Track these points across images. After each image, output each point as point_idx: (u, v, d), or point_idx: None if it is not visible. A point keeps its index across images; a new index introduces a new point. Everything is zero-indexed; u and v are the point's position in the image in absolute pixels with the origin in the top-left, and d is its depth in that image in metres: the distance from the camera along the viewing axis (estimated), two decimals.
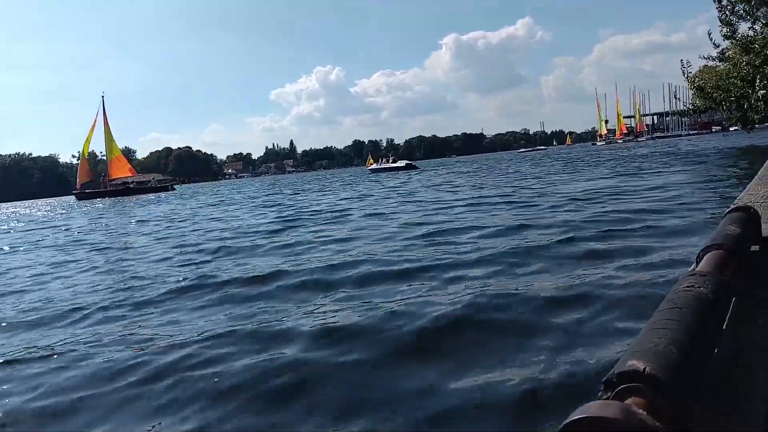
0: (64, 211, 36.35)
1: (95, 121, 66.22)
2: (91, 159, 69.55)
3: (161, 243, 10.51)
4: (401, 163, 53.51)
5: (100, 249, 10.50)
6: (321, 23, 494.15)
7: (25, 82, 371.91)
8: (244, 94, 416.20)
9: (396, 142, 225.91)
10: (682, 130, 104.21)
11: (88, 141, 66.96)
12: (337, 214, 12.66)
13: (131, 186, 66.37)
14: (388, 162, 57.69)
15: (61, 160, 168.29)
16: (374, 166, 59.38)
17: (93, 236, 14.00)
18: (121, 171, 66.88)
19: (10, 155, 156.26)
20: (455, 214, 10.03)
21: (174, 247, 9.41)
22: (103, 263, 8.46)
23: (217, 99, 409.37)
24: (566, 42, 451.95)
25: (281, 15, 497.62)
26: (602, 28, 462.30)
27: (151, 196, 52.61)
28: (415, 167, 52.51)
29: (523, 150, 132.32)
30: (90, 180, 65.92)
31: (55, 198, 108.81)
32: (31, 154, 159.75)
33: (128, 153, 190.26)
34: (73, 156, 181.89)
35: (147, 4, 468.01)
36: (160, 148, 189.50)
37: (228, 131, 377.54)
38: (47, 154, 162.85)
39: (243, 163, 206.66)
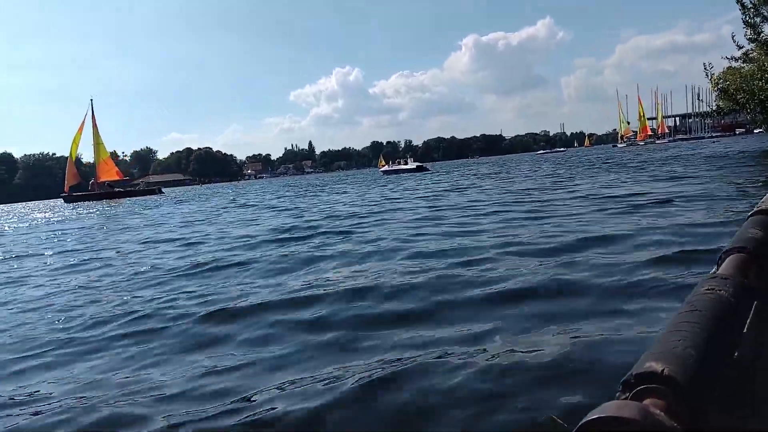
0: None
1: (83, 123, 66.37)
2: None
3: None
4: (412, 165, 54.12)
5: None
6: (340, 24, 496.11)
7: (33, 82, 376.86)
8: (263, 95, 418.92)
9: (414, 143, 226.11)
10: (704, 132, 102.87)
11: (75, 144, 66.99)
12: None
13: (118, 190, 66.30)
14: (399, 164, 58.66)
15: (83, 160, 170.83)
16: (386, 167, 60.25)
17: None
18: (109, 174, 66.98)
19: (33, 155, 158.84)
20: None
21: None
22: None
23: (236, 100, 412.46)
24: (587, 43, 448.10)
25: (300, 16, 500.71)
26: (624, 28, 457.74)
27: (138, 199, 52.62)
28: (426, 169, 52.84)
29: (542, 152, 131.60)
30: (78, 183, 66.30)
31: (43, 201, 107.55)
32: (54, 153, 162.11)
33: (149, 153, 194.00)
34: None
35: (164, 3, 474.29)
36: (180, 149, 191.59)
37: (247, 132, 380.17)
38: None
39: (262, 164, 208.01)
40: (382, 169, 61.12)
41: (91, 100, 67.99)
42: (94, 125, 67.42)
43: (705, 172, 15.62)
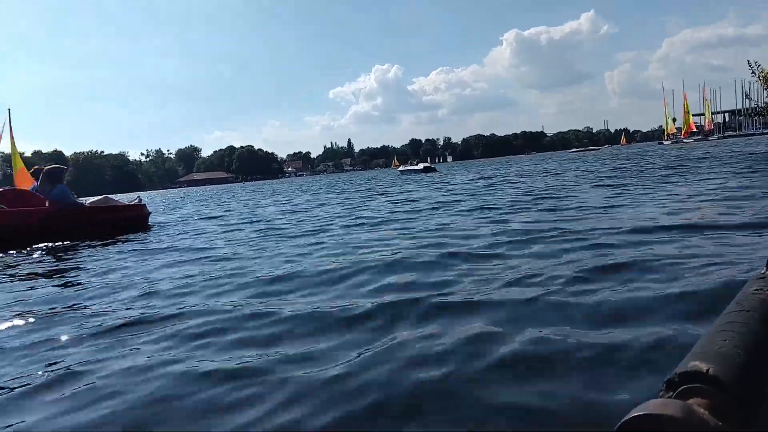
0: None
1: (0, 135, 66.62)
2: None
3: None
4: (420, 166, 58.04)
5: None
6: (379, 21, 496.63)
7: (84, 79, 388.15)
8: (304, 93, 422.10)
9: (453, 140, 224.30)
10: (755, 129, 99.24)
11: None
12: None
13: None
14: (409, 165, 65.38)
15: (130, 158, 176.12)
16: (401, 168, 66.21)
17: None
18: (26, 185, 67.15)
19: (83, 153, 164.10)
20: None
21: None
22: None
23: (277, 98, 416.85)
24: (632, 36, 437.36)
25: (338, 12, 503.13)
26: (670, 20, 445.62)
27: None
28: (434, 170, 55.47)
29: (573, 150, 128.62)
30: None
31: None
32: (103, 151, 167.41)
33: (193, 151, 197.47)
34: (142, 154, 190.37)
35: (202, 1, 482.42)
36: (223, 147, 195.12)
37: (288, 129, 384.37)
38: (117, 152, 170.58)
39: (302, 162, 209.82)
40: (399, 170, 66.90)
41: (9, 109, 67.88)
42: (12, 135, 67.64)
43: None
